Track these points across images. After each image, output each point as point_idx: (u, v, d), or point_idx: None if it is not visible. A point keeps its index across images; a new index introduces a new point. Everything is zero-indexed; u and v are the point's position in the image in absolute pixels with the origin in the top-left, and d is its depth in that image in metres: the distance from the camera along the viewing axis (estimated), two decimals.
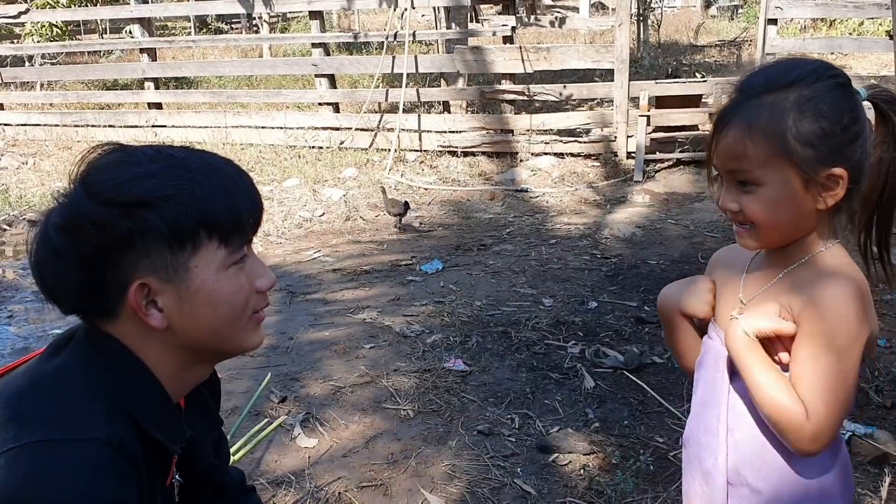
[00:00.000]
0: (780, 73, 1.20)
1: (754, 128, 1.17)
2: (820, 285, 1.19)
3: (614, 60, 7.20)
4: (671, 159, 7.06)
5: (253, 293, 1.17)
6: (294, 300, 4.37)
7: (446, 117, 8.15)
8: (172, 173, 1.09)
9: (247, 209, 1.15)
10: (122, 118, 9.19)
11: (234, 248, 1.13)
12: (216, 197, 1.10)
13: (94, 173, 1.09)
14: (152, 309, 1.10)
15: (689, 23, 18.63)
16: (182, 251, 1.09)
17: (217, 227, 1.10)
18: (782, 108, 1.17)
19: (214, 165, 1.15)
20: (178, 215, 1.07)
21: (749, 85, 1.21)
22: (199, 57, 13.29)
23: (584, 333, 3.73)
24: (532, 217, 6.08)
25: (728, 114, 1.20)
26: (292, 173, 7.32)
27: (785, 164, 1.17)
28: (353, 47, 13.60)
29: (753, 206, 1.20)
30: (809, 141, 1.16)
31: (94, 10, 11.66)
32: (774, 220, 1.20)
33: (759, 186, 1.19)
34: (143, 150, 1.13)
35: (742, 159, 1.19)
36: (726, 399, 1.31)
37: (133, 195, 1.06)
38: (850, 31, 14.40)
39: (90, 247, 1.06)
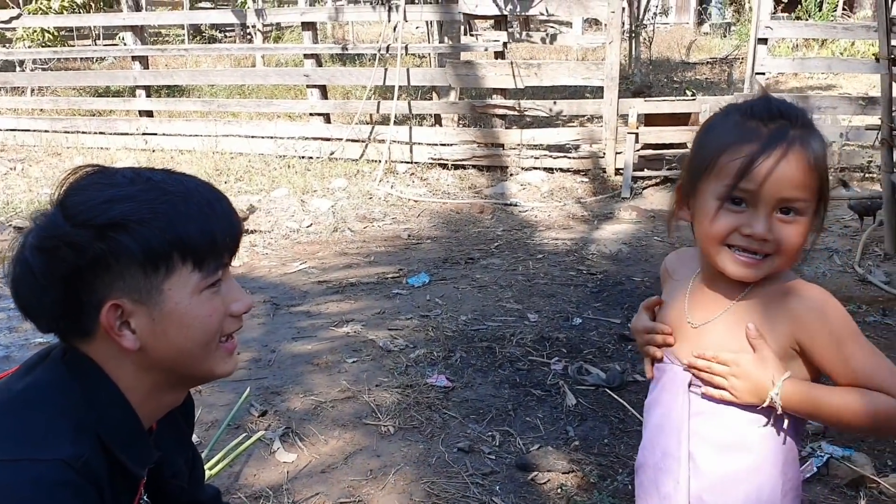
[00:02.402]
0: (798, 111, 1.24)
1: (814, 159, 1.20)
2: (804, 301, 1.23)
3: (604, 78, 7.24)
4: (659, 177, 7.09)
5: (227, 317, 1.18)
6: (278, 312, 4.36)
7: (437, 130, 8.17)
8: (149, 196, 1.10)
9: (223, 233, 1.16)
10: (113, 125, 9.16)
11: (208, 272, 1.14)
12: (191, 221, 1.12)
13: (71, 195, 1.11)
14: (125, 330, 1.11)
15: (681, 40, 18.75)
16: (156, 274, 1.10)
17: (191, 251, 1.12)
18: (820, 144, 1.22)
19: (192, 189, 1.16)
20: (152, 238, 1.08)
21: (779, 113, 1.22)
22: (192, 65, 13.29)
23: (567, 350, 3.74)
24: (520, 231, 6.08)
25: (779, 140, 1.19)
26: (281, 183, 7.32)
27: (817, 198, 1.23)
28: (345, 58, 13.64)
29: (792, 236, 1.21)
30: (828, 180, 1.23)
31: (87, 17, 11.66)
32: (800, 251, 1.24)
33: (802, 217, 1.22)
34: (122, 173, 1.14)
35: (805, 189, 1.20)
36: (687, 423, 1.31)
37: (108, 217, 1.07)
38: (843, 51, 14.51)
39: (65, 267, 1.07)
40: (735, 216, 1.22)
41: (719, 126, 1.27)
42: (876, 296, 4.36)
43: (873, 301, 4.27)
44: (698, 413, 1.30)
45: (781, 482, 1.27)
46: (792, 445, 1.29)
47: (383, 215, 6.52)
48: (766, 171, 1.18)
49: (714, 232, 1.24)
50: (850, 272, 4.78)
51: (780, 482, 1.27)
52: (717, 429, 1.29)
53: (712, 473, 1.29)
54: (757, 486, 1.27)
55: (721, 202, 1.23)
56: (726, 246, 1.24)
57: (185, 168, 7.91)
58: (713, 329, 1.29)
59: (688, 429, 1.31)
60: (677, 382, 1.33)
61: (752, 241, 1.22)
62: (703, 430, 1.30)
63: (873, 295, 4.37)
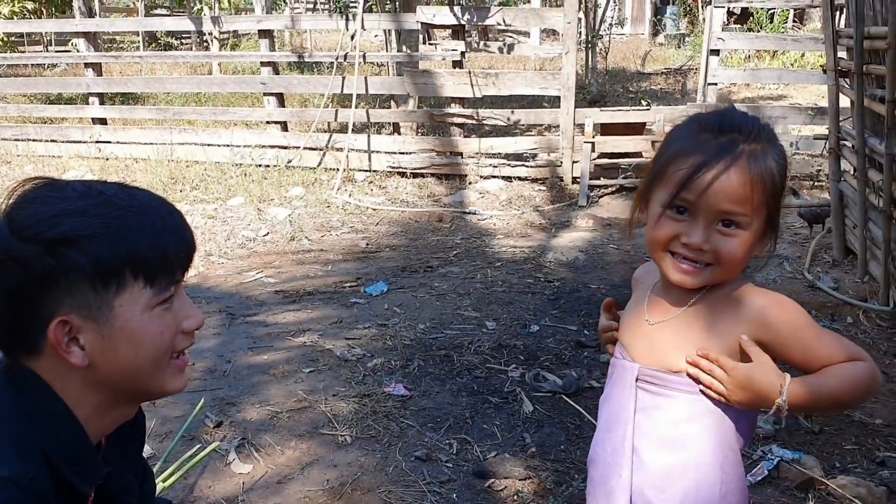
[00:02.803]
0: (760, 124, 1.27)
1: (757, 174, 1.22)
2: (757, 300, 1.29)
3: (561, 88, 7.31)
4: (615, 185, 7.18)
5: (178, 333, 1.17)
6: (234, 322, 4.31)
7: (396, 139, 8.17)
8: (100, 211, 1.08)
9: (175, 249, 1.14)
10: (65, 133, 8.99)
11: (160, 289, 1.12)
12: (143, 236, 1.10)
13: (19, 208, 1.08)
14: (73, 346, 1.09)
15: (636, 50, 19.04)
16: (106, 290, 1.08)
17: (143, 267, 1.10)
18: (770, 159, 1.24)
19: (145, 203, 1.14)
20: (102, 254, 1.06)
21: (732, 127, 1.25)
22: (147, 72, 13.11)
23: (524, 357, 3.75)
24: (479, 239, 6.11)
25: (723, 153, 1.22)
26: (237, 192, 7.24)
27: (765, 212, 1.26)
28: (303, 66, 13.57)
29: (731, 248, 1.25)
30: (781, 194, 1.26)
31: (39, 23, 11.45)
32: (740, 264, 1.28)
33: (743, 230, 1.25)
34: (72, 186, 1.12)
35: (744, 202, 1.23)
36: (632, 418, 1.35)
37: (57, 232, 1.05)
38: (793, 62, 14.85)
39: (11, 283, 1.05)
40: (676, 224, 1.26)
41: (677, 135, 1.31)
42: (825, 301, 4.46)
43: (822, 307, 4.37)
44: (643, 408, 1.34)
45: (720, 480, 1.30)
46: (732, 445, 1.32)
47: (341, 224, 6.49)
48: (705, 183, 1.21)
49: (656, 237, 1.29)
50: (800, 278, 4.89)
51: (718, 479, 1.30)
52: (659, 424, 1.33)
53: (654, 468, 1.32)
54: (696, 483, 1.29)
55: (664, 209, 1.27)
56: (669, 252, 1.29)
57: (140, 176, 7.80)
58: (666, 327, 1.34)
59: (633, 423, 1.34)
60: (626, 377, 1.38)
61: (690, 250, 1.26)
62: (646, 425, 1.34)
63: (822, 301, 4.47)
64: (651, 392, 1.34)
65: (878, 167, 4.31)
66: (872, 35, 4.26)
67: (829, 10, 4.91)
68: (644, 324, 1.37)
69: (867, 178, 4.48)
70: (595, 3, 13.90)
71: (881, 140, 4.16)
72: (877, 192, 4.32)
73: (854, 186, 4.73)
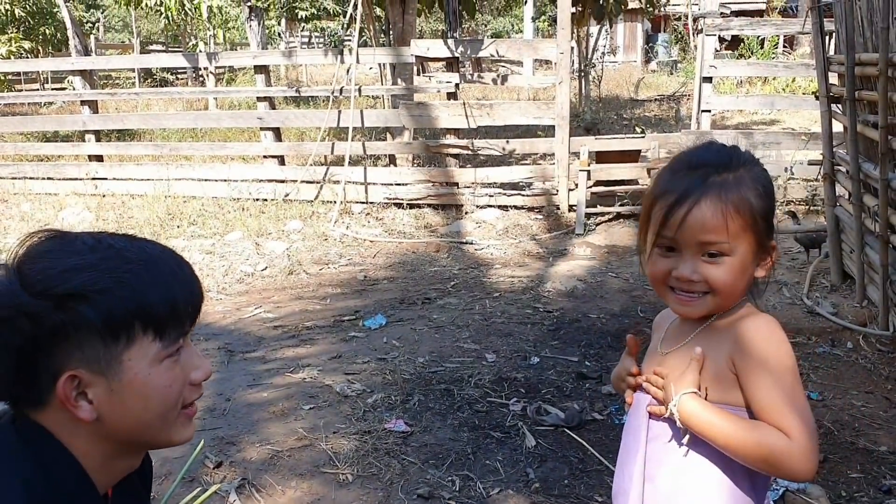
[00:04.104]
0: (730, 154, 1.32)
1: (731, 202, 1.27)
2: (743, 325, 1.31)
3: (555, 117, 7.36)
4: (611, 213, 7.20)
5: (186, 385, 1.16)
6: (233, 359, 4.29)
7: (392, 170, 8.20)
8: (110, 265, 1.08)
9: (184, 301, 1.14)
10: (62, 170, 9.01)
11: (169, 341, 1.12)
12: (153, 289, 1.09)
13: (29, 262, 1.07)
14: (82, 401, 1.08)
15: (629, 77, 19.21)
16: (116, 344, 1.07)
17: (152, 320, 1.09)
18: (746, 184, 1.29)
19: (154, 256, 1.14)
20: (112, 308, 1.06)
21: (703, 163, 1.31)
22: (143, 108, 13.18)
23: (525, 390, 3.73)
24: (477, 270, 6.11)
25: (693, 189, 1.28)
26: (235, 226, 7.25)
27: (750, 237, 1.29)
28: (299, 100, 13.66)
29: (719, 276, 1.29)
30: (765, 216, 1.30)
31: (35, 62, 11.54)
32: (735, 288, 1.31)
33: (728, 257, 1.29)
34: (82, 239, 1.11)
35: (721, 231, 1.27)
36: (644, 447, 1.38)
37: (68, 287, 1.04)
38: (784, 87, 15.00)
39: (21, 337, 1.04)
40: (667, 261, 1.33)
41: (660, 175, 1.37)
42: (825, 327, 4.46)
43: (822, 332, 4.37)
44: (654, 437, 1.38)
45: None
46: (743, 474, 1.32)
47: (339, 256, 6.49)
48: (679, 219, 1.28)
49: (653, 276, 1.36)
50: (799, 304, 4.88)
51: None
52: (670, 453, 1.35)
53: (664, 497, 1.34)
54: None
55: (653, 247, 1.34)
56: (670, 288, 1.34)
57: (137, 213, 7.81)
58: (674, 356, 1.39)
59: (644, 452, 1.38)
60: (640, 407, 1.41)
61: (682, 283, 1.31)
62: (658, 454, 1.37)
63: (822, 326, 4.47)
64: (662, 421, 1.37)
65: (873, 192, 4.33)
66: (863, 62, 4.30)
67: (820, 39, 4.96)
68: (657, 354, 1.43)
69: (862, 204, 4.49)
70: (587, 32, 14.04)
71: (875, 165, 4.18)
72: (872, 216, 4.33)
73: (850, 211, 4.74)
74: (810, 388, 3.68)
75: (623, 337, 1.54)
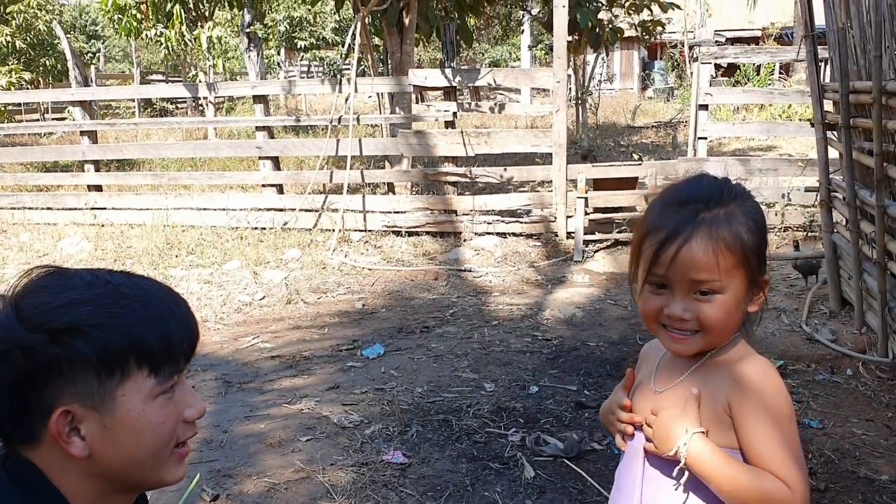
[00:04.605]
0: (721, 189, 1.30)
1: (722, 239, 1.25)
2: (742, 369, 1.29)
3: (552, 145, 7.40)
4: (610, 240, 7.21)
5: (180, 423, 1.16)
6: (230, 390, 4.26)
7: (391, 198, 8.22)
8: (106, 300, 1.09)
9: (180, 339, 1.14)
10: (61, 200, 9.03)
11: (163, 378, 1.12)
12: (149, 325, 1.10)
13: (26, 296, 1.08)
14: (74, 437, 1.07)
15: (626, 104, 19.34)
16: (110, 379, 1.07)
17: (147, 356, 1.09)
18: (737, 220, 1.26)
19: (151, 293, 1.14)
20: (108, 343, 1.06)
21: (693, 198, 1.29)
22: (143, 138, 13.25)
23: (524, 420, 3.71)
24: (475, 297, 6.09)
25: (683, 226, 1.26)
26: (233, 255, 7.25)
27: (741, 273, 1.27)
28: (298, 128, 13.74)
29: (711, 314, 1.27)
30: (756, 251, 1.28)
31: (35, 93, 11.62)
32: (727, 326, 1.29)
33: (720, 295, 1.27)
34: (79, 275, 1.12)
35: (712, 270, 1.25)
36: (640, 488, 1.36)
37: (64, 322, 1.05)
38: (781, 113, 15.09)
39: (15, 372, 1.04)
40: (658, 298, 1.31)
41: (650, 211, 1.35)
42: (824, 354, 4.44)
43: (821, 359, 4.35)
44: (650, 477, 1.36)
45: None
46: None
47: (337, 285, 6.48)
48: (669, 257, 1.26)
49: (645, 313, 1.34)
50: (798, 331, 4.87)
51: None
52: (666, 493, 1.33)
53: None
54: None
55: (644, 284, 1.32)
56: (662, 324, 1.32)
57: (136, 242, 7.81)
58: (669, 395, 1.36)
59: (640, 491, 1.36)
60: (636, 446, 1.39)
61: (674, 321, 1.29)
62: (654, 494, 1.35)
63: (821, 353, 4.45)
64: (657, 460, 1.35)
65: (871, 218, 4.34)
66: (858, 90, 4.33)
67: (814, 66, 5.00)
68: (650, 391, 1.40)
69: (860, 230, 4.50)
70: (584, 60, 14.16)
71: (871, 192, 4.19)
72: (870, 243, 4.33)
73: (847, 238, 4.75)
74: (810, 416, 3.65)
75: (622, 365, 1.54)
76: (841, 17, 4.51)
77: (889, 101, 3.86)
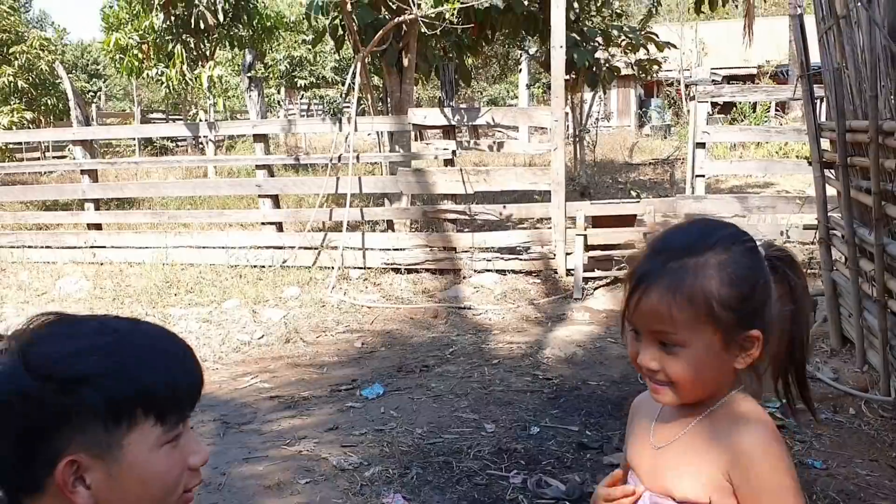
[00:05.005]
0: (698, 237, 1.24)
1: (679, 292, 1.19)
2: (740, 438, 1.21)
3: (551, 182, 7.43)
4: (609, 277, 7.20)
5: (185, 471, 1.15)
6: (228, 431, 4.23)
7: (390, 235, 8.23)
8: (114, 349, 1.09)
9: (186, 386, 1.14)
10: (60, 239, 9.04)
11: (170, 426, 1.11)
12: (156, 374, 1.10)
13: (33, 346, 1.07)
14: (79, 486, 1.06)
15: (623, 142, 19.48)
16: (117, 428, 1.07)
17: (154, 405, 1.09)
18: (705, 272, 1.20)
19: (157, 340, 1.15)
20: (116, 393, 1.06)
21: (667, 246, 1.24)
22: (143, 176, 13.30)
23: (525, 461, 3.67)
24: (475, 335, 6.07)
25: (648, 275, 1.22)
26: (232, 294, 7.24)
27: (709, 327, 1.20)
28: (298, 166, 13.81)
29: (676, 368, 1.22)
30: (730, 305, 1.19)
31: (37, 132, 11.71)
32: (696, 381, 1.23)
33: (682, 348, 1.21)
34: (86, 323, 1.12)
35: (668, 322, 1.20)
36: None
37: (73, 371, 1.05)
38: (778, 150, 15.20)
39: (22, 421, 1.04)
40: (636, 344, 1.27)
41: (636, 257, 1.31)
42: (826, 393, 4.41)
43: (823, 398, 4.32)
44: None
45: None
46: None
47: (336, 323, 6.46)
48: (633, 305, 1.23)
49: (630, 355, 1.30)
50: None
51: None
52: None
53: None
54: None
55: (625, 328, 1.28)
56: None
57: (135, 281, 7.80)
58: (669, 451, 1.31)
59: None
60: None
61: (644, 370, 1.26)
62: None
63: (823, 392, 4.42)
64: None
65: (870, 257, 4.34)
66: (854, 129, 4.36)
67: (811, 106, 5.04)
68: (650, 448, 1.35)
69: (859, 268, 4.50)
70: (581, 98, 14.29)
71: (870, 231, 4.20)
72: (869, 281, 4.33)
73: (847, 276, 4.75)
74: (814, 457, 3.62)
75: (623, 405, 1.51)
76: (836, 57, 4.57)
77: (886, 140, 3.88)
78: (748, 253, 1.24)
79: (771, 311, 1.24)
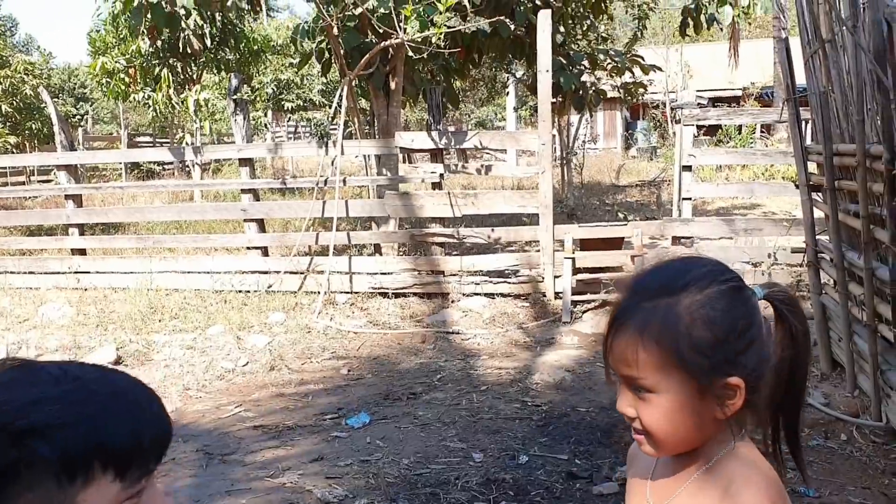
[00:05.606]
0: (673, 276, 1.16)
1: (646, 335, 1.12)
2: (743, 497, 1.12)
3: (539, 205, 7.41)
4: (597, 300, 7.16)
5: None
6: (211, 462, 4.13)
7: (377, 259, 8.17)
8: (74, 398, 1.01)
9: (151, 438, 1.06)
10: (44, 265, 8.93)
11: (130, 482, 1.03)
12: (118, 425, 1.02)
13: None
14: None
15: (610, 164, 19.55)
16: (71, 485, 0.99)
17: (114, 459, 1.01)
18: (675, 314, 1.12)
19: (122, 388, 1.07)
20: (71, 446, 0.98)
21: (642, 286, 1.17)
22: (129, 200, 13.21)
23: (514, 492, 3.60)
24: (463, 361, 6.00)
25: (621, 315, 1.16)
26: (217, 320, 7.14)
27: (679, 373, 1.11)
28: (285, 189, 13.75)
29: (648, 415, 1.14)
30: (702, 350, 1.10)
31: (21, 157, 11.61)
32: (670, 431, 1.14)
33: (653, 394, 1.13)
34: (47, 370, 1.05)
35: (634, 366, 1.13)
36: None
37: (27, 422, 0.97)
38: (763, 172, 15.27)
39: None
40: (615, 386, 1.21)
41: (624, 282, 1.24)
42: (817, 418, 4.37)
43: (815, 424, 4.28)
44: None
45: None
46: None
47: (322, 350, 6.38)
48: (605, 349, 1.17)
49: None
50: None
51: None
52: None
53: None
54: None
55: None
56: None
57: (119, 306, 7.70)
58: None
59: None
60: None
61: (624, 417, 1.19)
62: None
63: (814, 417, 4.38)
64: None
65: (859, 280, 4.31)
66: (842, 152, 4.35)
67: (797, 129, 5.04)
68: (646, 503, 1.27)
69: (848, 292, 4.47)
70: (568, 121, 14.34)
71: (859, 254, 4.18)
72: (859, 305, 4.31)
73: (836, 300, 4.72)
74: (807, 485, 3.56)
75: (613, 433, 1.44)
76: (822, 80, 4.57)
77: (873, 164, 3.87)
78: (727, 293, 1.14)
79: (759, 358, 1.14)
